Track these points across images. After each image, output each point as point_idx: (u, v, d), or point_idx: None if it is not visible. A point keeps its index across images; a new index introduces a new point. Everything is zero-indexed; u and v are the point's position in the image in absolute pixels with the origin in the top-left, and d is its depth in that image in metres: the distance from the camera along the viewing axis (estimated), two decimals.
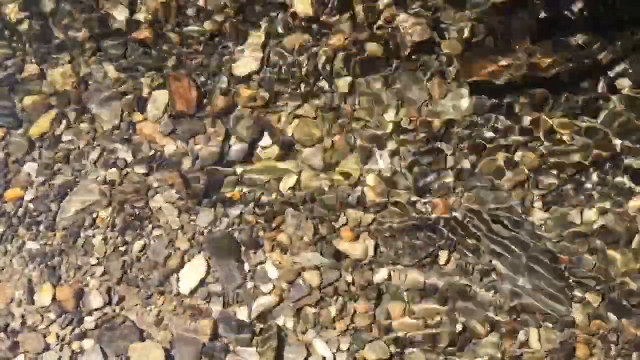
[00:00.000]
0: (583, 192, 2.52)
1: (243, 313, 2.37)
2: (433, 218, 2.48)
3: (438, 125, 2.62)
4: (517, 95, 2.64)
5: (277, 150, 2.62)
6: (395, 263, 2.43)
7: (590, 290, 2.38)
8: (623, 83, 2.64)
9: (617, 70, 2.64)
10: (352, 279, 2.41)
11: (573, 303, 2.36)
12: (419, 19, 2.74)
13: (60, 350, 2.33)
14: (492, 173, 2.55)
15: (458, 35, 2.73)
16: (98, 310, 2.39)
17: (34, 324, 2.37)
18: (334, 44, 2.74)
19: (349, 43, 2.74)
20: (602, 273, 2.40)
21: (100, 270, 2.45)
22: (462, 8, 2.76)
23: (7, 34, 2.83)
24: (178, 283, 2.42)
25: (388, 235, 2.47)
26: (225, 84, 2.72)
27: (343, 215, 2.50)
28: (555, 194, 2.52)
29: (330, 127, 2.65)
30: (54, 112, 2.70)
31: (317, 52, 2.74)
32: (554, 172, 2.55)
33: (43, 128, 2.67)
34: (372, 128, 2.64)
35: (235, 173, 2.59)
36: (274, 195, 2.55)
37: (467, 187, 2.53)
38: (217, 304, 2.39)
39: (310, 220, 2.50)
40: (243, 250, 2.48)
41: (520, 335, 2.33)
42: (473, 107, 2.64)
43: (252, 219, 2.51)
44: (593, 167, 2.54)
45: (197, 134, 2.64)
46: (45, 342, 2.34)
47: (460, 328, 2.34)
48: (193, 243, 2.48)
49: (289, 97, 2.69)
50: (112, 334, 2.35)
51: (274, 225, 2.50)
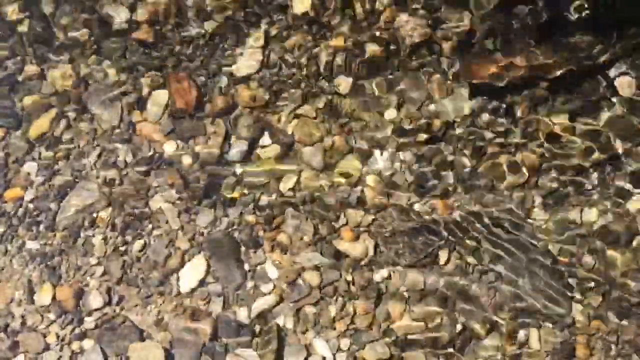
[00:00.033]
0: (583, 192, 2.52)
1: (243, 313, 2.37)
2: (433, 220, 2.48)
3: (438, 126, 2.62)
4: (517, 96, 2.64)
5: (277, 150, 2.62)
6: (395, 263, 2.43)
7: (590, 290, 2.38)
8: (623, 83, 2.64)
9: (617, 71, 2.64)
10: (352, 279, 2.41)
11: (573, 303, 2.36)
12: (419, 19, 2.74)
13: (60, 350, 2.33)
14: (492, 174, 2.55)
15: (458, 36, 2.72)
16: (98, 310, 2.39)
17: (34, 324, 2.37)
18: (334, 44, 2.75)
19: (349, 43, 2.75)
20: (602, 273, 2.40)
21: (100, 270, 2.45)
22: (462, 8, 2.76)
23: (7, 34, 2.83)
24: (178, 283, 2.42)
25: (388, 236, 2.47)
26: (225, 84, 2.72)
27: (343, 216, 2.50)
28: (556, 195, 2.52)
29: (330, 127, 2.65)
30: (54, 111, 2.70)
31: (317, 52, 2.75)
32: (554, 172, 2.54)
33: (43, 128, 2.67)
34: (372, 128, 2.64)
35: (235, 173, 2.59)
36: (274, 196, 2.55)
37: (467, 187, 2.53)
38: (217, 304, 2.39)
39: (310, 220, 2.50)
40: (243, 250, 2.48)
41: (520, 336, 2.33)
42: (473, 107, 2.64)
43: (252, 219, 2.51)
44: (593, 167, 2.54)
45: (197, 134, 2.65)
46: (45, 342, 2.34)
47: (460, 328, 2.34)
48: (193, 243, 2.48)
49: (289, 97, 2.69)
50: (112, 334, 2.35)
51: (274, 225, 2.50)
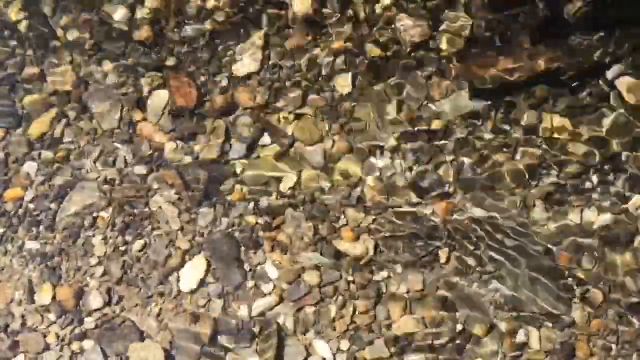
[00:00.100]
0: (583, 192, 2.51)
1: (243, 313, 2.37)
2: (433, 221, 2.48)
3: (438, 125, 2.62)
4: (517, 96, 2.64)
5: (277, 150, 2.62)
6: (395, 262, 2.43)
7: (590, 290, 2.38)
8: (623, 83, 2.64)
9: (617, 71, 2.64)
10: (352, 279, 2.41)
11: (573, 303, 2.36)
12: (419, 19, 2.74)
13: (60, 351, 2.33)
14: (492, 174, 2.55)
15: (458, 35, 2.72)
16: (98, 311, 2.39)
17: (34, 324, 2.37)
18: (334, 44, 2.75)
19: (349, 43, 2.74)
20: (602, 273, 2.40)
21: (100, 270, 2.45)
22: (461, 8, 2.76)
23: (7, 34, 2.83)
24: (178, 283, 2.42)
25: (388, 236, 2.46)
26: (225, 84, 2.72)
27: (343, 216, 2.50)
28: (556, 195, 2.51)
29: (330, 127, 2.65)
30: (54, 111, 2.70)
31: (317, 52, 2.75)
32: (554, 172, 2.54)
33: (43, 128, 2.67)
34: (372, 128, 2.64)
35: (235, 173, 2.59)
36: (274, 196, 2.55)
37: (467, 188, 2.53)
38: (217, 304, 2.39)
39: (310, 220, 2.50)
40: (243, 250, 2.48)
41: (520, 335, 2.33)
42: (473, 107, 2.64)
43: (252, 219, 2.51)
44: (593, 167, 2.54)
45: (197, 134, 2.65)
46: (45, 342, 2.34)
47: (460, 328, 2.34)
48: (193, 243, 2.48)
49: (289, 97, 2.69)
50: (112, 334, 2.35)
51: (274, 225, 2.50)
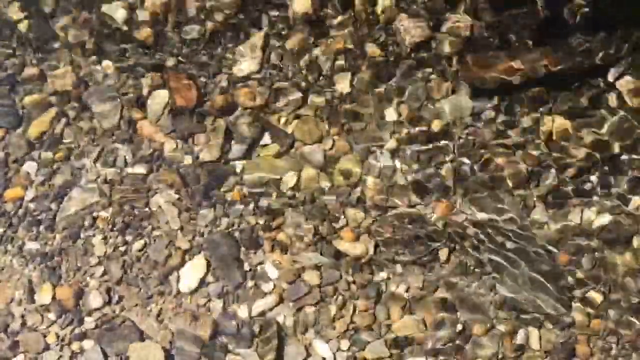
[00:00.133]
0: (583, 192, 2.51)
1: (243, 313, 2.37)
2: (433, 222, 2.48)
3: (438, 126, 2.62)
4: (517, 96, 2.64)
5: (277, 150, 2.62)
6: (395, 262, 2.43)
7: (590, 290, 2.38)
8: (623, 83, 2.64)
9: (617, 71, 2.64)
10: (352, 279, 2.41)
11: (573, 303, 2.36)
12: (419, 20, 2.74)
13: (60, 350, 2.33)
14: (492, 174, 2.55)
15: (458, 36, 2.72)
16: (98, 311, 2.39)
17: (34, 324, 2.37)
18: (334, 44, 2.75)
19: (349, 43, 2.75)
20: (602, 273, 2.40)
21: (100, 270, 2.45)
22: (462, 8, 2.76)
23: (7, 34, 2.83)
24: (178, 283, 2.42)
25: (388, 236, 2.46)
26: (225, 84, 2.72)
27: (343, 216, 2.50)
28: (556, 195, 2.52)
29: (330, 127, 2.65)
30: (54, 111, 2.70)
31: (317, 52, 2.75)
32: (554, 173, 2.54)
33: (43, 128, 2.67)
34: (372, 128, 2.64)
35: (235, 173, 2.59)
36: (274, 195, 2.55)
37: (467, 188, 2.53)
38: (217, 304, 2.39)
39: (310, 220, 2.49)
40: (243, 250, 2.48)
41: (520, 335, 2.33)
42: (473, 107, 2.64)
43: (252, 219, 2.51)
44: (593, 167, 2.54)
45: (197, 134, 2.65)
46: (45, 342, 2.34)
47: (460, 328, 2.34)
48: (193, 243, 2.48)
49: (289, 97, 2.69)
50: (112, 334, 2.35)
51: (274, 225, 2.50)
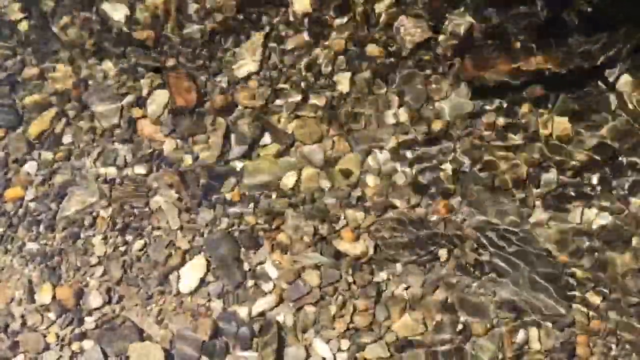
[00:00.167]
0: (583, 192, 2.51)
1: (243, 313, 2.37)
2: (433, 221, 2.48)
3: (438, 126, 2.62)
4: (517, 96, 2.64)
5: (277, 150, 2.62)
6: (395, 262, 2.43)
7: (590, 290, 2.38)
8: (623, 83, 2.64)
9: (617, 71, 2.64)
10: (352, 279, 2.41)
11: (573, 303, 2.36)
12: (419, 20, 2.74)
13: (60, 350, 2.33)
14: (492, 174, 2.55)
15: (458, 36, 2.72)
16: (98, 310, 2.39)
17: (34, 324, 2.37)
18: (335, 45, 2.75)
19: (350, 43, 2.75)
20: (602, 273, 2.40)
21: (100, 270, 2.45)
22: (462, 9, 2.76)
23: (7, 34, 2.83)
24: (178, 283, 2.42)
25: (388, 236, 2.46)
26: (225, 84, 2.72)
27: (343, 217, 2.50)
28: (556, 195, 2.52)
29: (330, 127, 2.65)
30: (54, 110, 2.70)
31: (317, 52, 2.75)
32: (554, 172, 2.54)
33: (43, 127, 2.67)
34: (372, 128, 2.64)
35: (235, 173, 2.59)
36: (274, 195, 2.55)
37: (467, 188, 2.53)
38: (217, 304, 2.39)
39: (310, 220, 2.49)
40: (243, 251, 2.48)
41: (520, 335, 2.33)
42: (473, 107, 2.64)
43: (252, 219, 2.51)
44: (593, 167, 2.54)
45: (197, 134, 2.65)
46: (45, 342, 2.34)
47: (460, 328, 2.34)
48: (193, 243, 2.48)
49: (289, 96, 2.69)
50: (112, 334, 2.35)
51: (274, 225, 2.50)
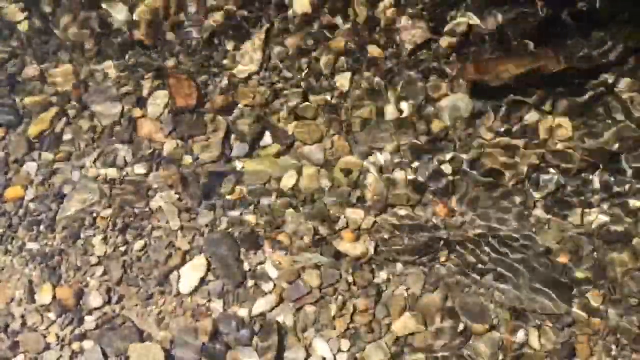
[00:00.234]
0: (583, 192, 2.51)
1: (243, 313, 2.37)
2: (433, 221, 2.48)
3: (438, 126, 2.62)
4: (517, 96, 2.64)
5: (277, 150, 2.62)
6: (395, 262, 2.43)
7: (590, 290, 2.38)
8: (623, 84, 2.64)
9: (617, 71, 2.64)
10: (352, 279, 2.41)
11: (573, 303, 2.36)
12: (419, 20, 2.74)
13: (61, 350, 2.33)
14: (492, 174, 2.55)
15: (458, 36, 2.72)
16: (98, 310, 2.39)
17: (34, 324, 2.37)
18: (335, 45, 2.75)
19: (350, 43, 2.75)
20: (602, 273, 2.40)
21: (100, 270, 2.45)
22: (462, 9, 2.76)
23: (7, 34, 2.83)
24: (178, 283, 2.42)
25: (388, 236, 2.46)
26: (226, 84, 2.73)
27: (343, 217, 2.50)
28: (556, 195, 2.52)
29: (331, 126, 2.65)
30: (54, 110, 2.70)
31: (317, 52, 2.75)
32: (554, 173, 2.54)
33: (43, 128, 2.67)
34: (372, 128, 2.64)
35: (236, 173, 2.59)
36: (274, 195, 2.55)
37: (466, 188, 2.53)
38: (217, 304, 2.39)
39: (310, 220, 2.50)
40: (243, 251, 2.48)
41: (520, 335, 2.33)
42: (473, 107, 2.64)
43: (252, 219, 2.51)
44: (593, 167, 2.54)
45: (197, 134, 2.65)
46: (45, 342, 2.34)
47: (460, 328, 2.34)
48: (193, 243, 2.48)
49: (289, 96, 2.69)
50: (112, 334, 2.35)
51: (274, 226, 2.50)
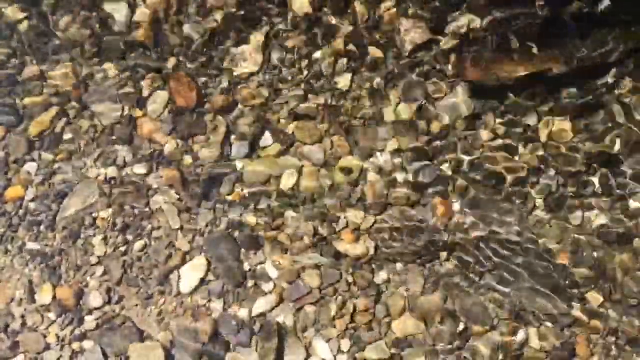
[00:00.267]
0: (583, 193, 2.52)
1: (243, 313, 2.37)
2: (433, 222, 2.48)
3: (438, 126, 2.62)
4: (516, 96, 2.64)
5: (277, 149, 2.62)
6: (395, 262, 2.43)
7: (590, 291, 2.38)
8: (623, 84, 2.64)
9: (617, 71, 2.64)
10: (352, 279, 2.41)
11: (573, 303, 2.36)
12: (420, 21, 2.74)
13: (61, 350, 2.33)
14: (492, 174, 2.55)
15: (458, 37, 2.72)
16: (98, 310, 2.39)
17: (34, 324, 2.37)
18: (335, 45, 2.75)
19: (350, 44, 2.75)
20: (602, 273, 2.40)
21: (100, 270, 2.45)
22: (462, 9, 2.76)
23: (7, 34, 2.83)
24: (178, 283, 2.42)
25: (388, 237, 2.46)
26: (226, 84, 2.73)
27: (343, 217, 2.50)
28: (556, 195, 2.52)
29: (330, 126, 2.65)
30: (54, 110, 2.70)
31: (317, 52, 2.75)
32: (554, 172, 2.54)
33: (43, 128, 2.67)
34: (372, 128, 2.64)
35: (236, 173, 2.59)
36: (274, 195, 2.55)
37: (466, 188, 2.53)
38: (217, 304, 2.39)
39: (310, 220, 2.50)
40: (243, 251, 2.48)
41: (520, 335, 2.33)
42: (472, 107, 2.64)
43: (252, 219, 2.51)
44: (594, 167, 2.54)
45: (197, 134, 2.65)
46: (45, 342, 2.34)
47: (460, 328, 2.34)
48: (193, 243, 2.48)
49: (289, 96, 2.69)
50: (112, 334, 2.35)
51: (274, 226, 2.50)
